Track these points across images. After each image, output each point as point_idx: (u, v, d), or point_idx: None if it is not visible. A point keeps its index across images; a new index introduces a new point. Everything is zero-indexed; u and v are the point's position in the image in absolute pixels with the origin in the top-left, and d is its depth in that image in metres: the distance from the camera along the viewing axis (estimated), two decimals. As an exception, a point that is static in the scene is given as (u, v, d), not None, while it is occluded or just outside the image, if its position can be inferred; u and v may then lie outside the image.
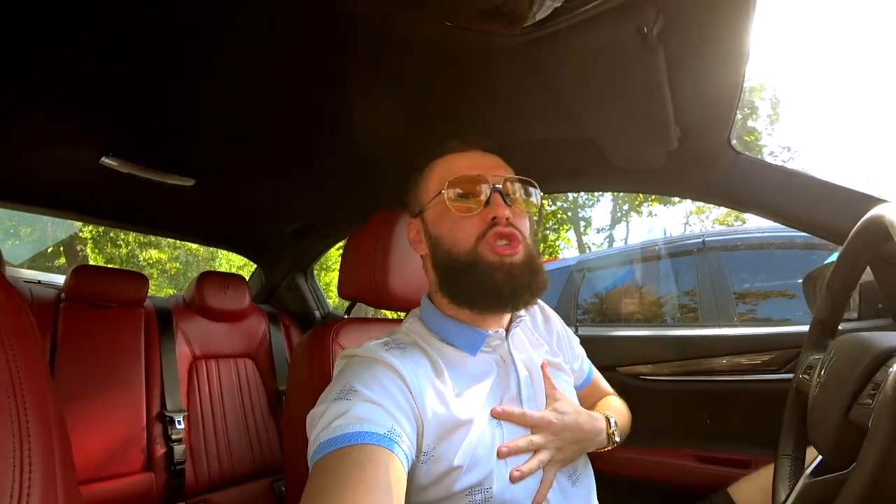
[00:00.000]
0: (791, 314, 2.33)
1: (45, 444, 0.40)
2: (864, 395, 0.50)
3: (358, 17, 0.67)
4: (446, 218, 0.69)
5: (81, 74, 0.85)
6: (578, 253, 12.79)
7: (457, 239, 0.68)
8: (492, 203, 0.67)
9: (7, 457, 0.36)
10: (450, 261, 0.69)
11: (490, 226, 0.67)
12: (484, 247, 0.66)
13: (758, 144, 10.45)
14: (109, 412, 1.42)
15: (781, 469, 0.70)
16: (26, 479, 0.36)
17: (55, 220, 7.57)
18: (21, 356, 0.41)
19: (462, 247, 0.67)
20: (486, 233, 0.66)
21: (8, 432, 0.37)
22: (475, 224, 0.67)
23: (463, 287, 0.68)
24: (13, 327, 0.42)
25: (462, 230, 0.68)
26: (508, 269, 0.65)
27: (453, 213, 0.68)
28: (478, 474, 0.61)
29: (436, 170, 0.74)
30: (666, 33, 0.61)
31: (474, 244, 0.67)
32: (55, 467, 0.41)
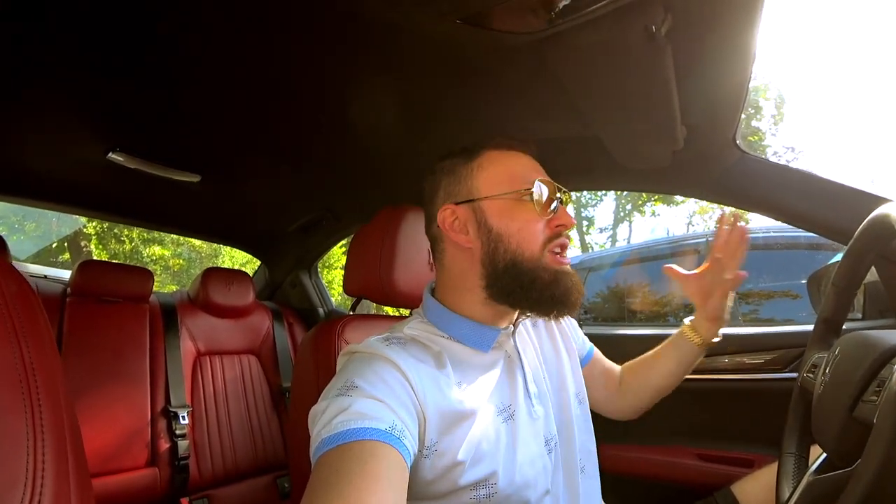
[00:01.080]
0: (795, 314, 2.33)
1: (58, 436, 0.40)
2: (869, 392, 0.50)
3: (367, 14, 0.67)
4: (518, 215, 0.67)
5: (88, 71, 0.86)
6: (581, 252, 12.76)
7: (525, 240, 0.67)
8: (560, 211, 0.69)
9: (21, 449, 0.37)
10: (514, 260, 0.67)
11: (555, 234, 0.68)
12: (549, 255, 0.67)
13: (761, 144, 10.41)
14: (114, 407, 1.43)
15: (785, 467, 0.70)
16: (39, 471, 0.37)
17: (60, 215, 7.59)
18: (34, 347, 0.41)
19: (529, 249, 0.67)
20: (552, 239, 0.68)
21: (22, 425, 0.37)
22: (543, 229, 0.68)
23: (529, 290, 0.66)
24: (27, 319, 0.42)
25: (533, 232, 0.67)
26: (571, 277, 0.68)
27: (529, 212, 0.67)
28: (483, 469, 0.61)
29: (500, 161, 0.71)
30: (674, 32, 0.61)
31: (540, 250, 0.67)
32: (68, 460, 0.41)
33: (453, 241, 0.70)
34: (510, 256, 0.67)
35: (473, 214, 0.69)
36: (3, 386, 0.37)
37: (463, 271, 0.70)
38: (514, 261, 0.66)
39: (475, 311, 0.70)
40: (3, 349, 0.39)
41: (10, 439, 0.35)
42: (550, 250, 0.67)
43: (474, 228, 0.69)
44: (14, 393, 0.37)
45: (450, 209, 0.71)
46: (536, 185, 0.67)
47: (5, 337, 0.39)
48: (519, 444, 0.66)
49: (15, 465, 0.35)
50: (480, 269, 0.69)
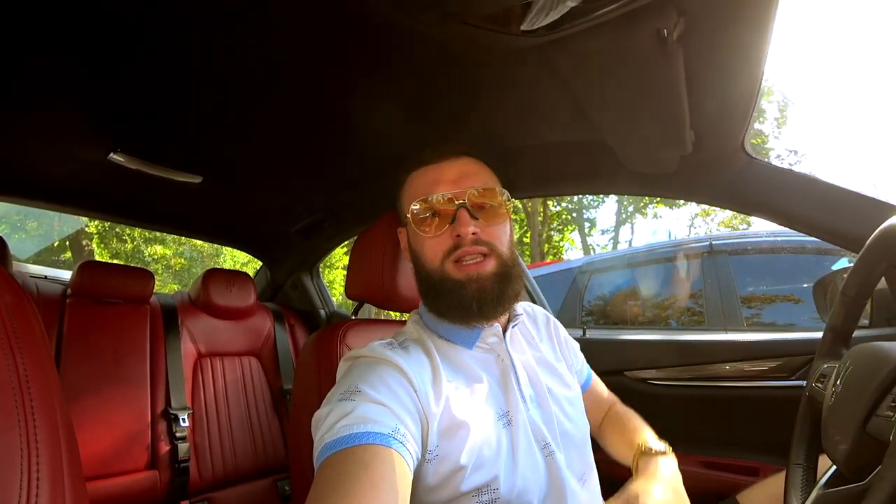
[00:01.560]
0: (797, 319, 2.32)
1: (52, 446, 0.40)
2: (884, 407, 0.49)
3: (373, 16, 0.67)
4: (419, 232, 0.71)
5: (89, 72, 0.85)
6: (583, 254, 12.75)
7: (426, 257, 0.71)
8: (457, 221, 0.68)
9: (15, 459, 0.36)
10: (424, 275, 0.72)
11: (454, 245, 0.68)
12: (449, 265, 0.69)
13: (765, 147, 10.38)
14: (114, 409, 1.42)
15: (794, 478, 0.69)
16: (34, 481, 0.36)
17: (62, 214, 7.61)
18: (29, 359, 0.41)
19: (431, 264, 0.70)
20: (451, 252, 0.68)
21: (16, 435, 0.37)
22: (441, 242, 0.69)
23: (437, 301, 0.71)
24: (22, 330, 0.42)
25: (430, 249, 0.70)
26: (476, 283, 0.67)
27: (427, 228, 0.70)
28: (484, 475, 0.61)
29: (410, 184, 0.76)
30: (686, 37, 0.60)
31: (441, 262, 0.69)
32: (63, 469, 0.40)
33: (407, 260, 0.79)
34: (423, 272, 0.72)
35: (406, 236, 0.77)
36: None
37: None
38: (424, 275, 0.72)
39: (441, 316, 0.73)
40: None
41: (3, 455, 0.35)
42: (452, 261, 0.68)
43: (408, 248, 0.77)
44: (8, 407, 0.37)
45: (402, 231, 0.80)
46: (418, 205, 0.70)
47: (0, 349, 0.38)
48: (519, 449, 0.65)
49: (9, 481, 0.35)
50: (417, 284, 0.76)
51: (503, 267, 0.70)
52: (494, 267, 0.69)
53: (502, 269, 0.69)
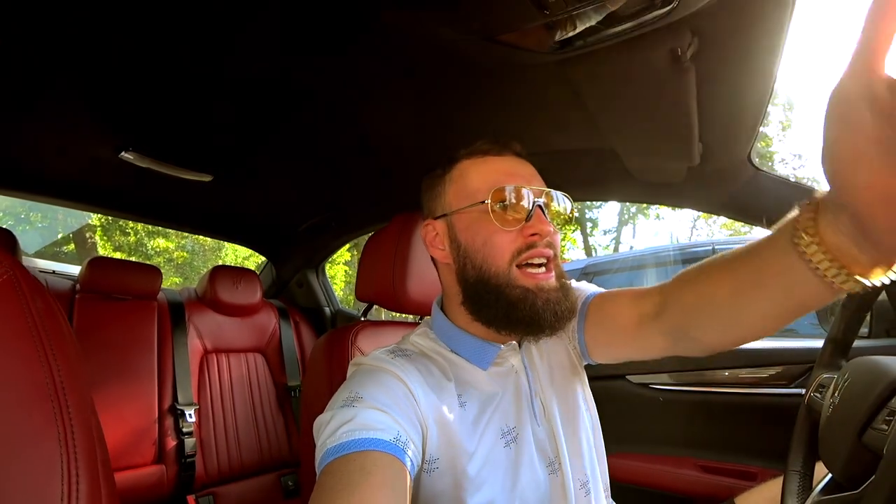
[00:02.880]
0: (797, 324, 2.32)
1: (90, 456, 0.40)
2: (879, 420, 0.51)
3: (396, 27, 0.67)
4: (481, 228, 0.64)
5: (101, 71, 0.86)
6: (585, 254, 12.73)
7: (490, 255, 0.63)
8: (533, 218, 0.62)
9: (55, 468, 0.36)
10: (480, 277, 0.64)
11: (527, 245, 0.62)
12: (516, 271, 0.62)
13: (769, 151, 10.36)
14: (122, 404, 1.44)
15: (791, 485, 0.71)
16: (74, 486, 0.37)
17: (66, 208, 7.59)
18: (64, 365, 0.41)
19: (495, 264, 0.63)
20: (521, 252, 0.62)
21: (55, 443, 0.37)
22: (512, 240, 0.63)
23: (495, 308, 0.63)
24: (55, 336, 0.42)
25: (497, 245, 0.63)
26: (546, 294, 0.61)
27: (492, 224, 0.62)
28: (484, 495, 0.60)
29: (468, 172, 0.67)
30: (699, 55, 0.62)
31: (508, 264, 0.62)
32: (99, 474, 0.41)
33: (435, 257, 0.71)
34: (477, 272, 0.64)
35: (447, 229, 0.68)
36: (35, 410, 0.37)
37: (449, 286, 0.70)
38: (480, 277, 0.64)
39: (469, 326, 0.68)
40: (36, 372, 0.38)
41: (44, 465, 0.35)
42: (519, 264, 0.62)
43: (448, 243, 0.68)
44: (47, 417, 0.37)
45: (430, 224, 0.70)
46: (493, 194, 0.62)
47: (36, 357, 0.38)
48: (522, 467, 0.64)
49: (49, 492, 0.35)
50: (456, 286, 0.67)
51: (561, 276, 0.65)
52: (555, 279, 0.63)
53: (561, 278, 0.65)
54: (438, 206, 0.70)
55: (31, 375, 0.39)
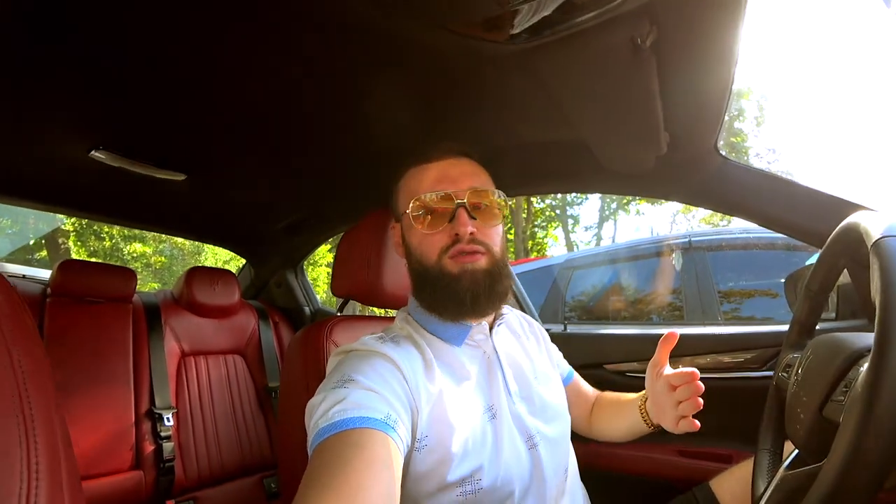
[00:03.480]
0: (774, 313, 2.39)
1: (50, 444, 0.39)
2: (838, 392, 0.53)
3: (356, 19, 0.67)
4: (416, 229, 0.73)
5: (70, 68, 0.84)
6: (567, 250, 12.87)
7: (423, 252, 0.73)
8: (455, 220, 0.70)
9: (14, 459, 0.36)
10: (420, 270, 0.74)
11: (453, 241, 0.71)
12: (447, 260, 0.71)
13: (744, 146, 10.60)
14: (97, 409, 1.41)
15: (761, 463, 0.73)
16: (34, 480, 0.36)
17: (38, 212, 7.40)
18: (25, 356, 0.40)
19: (428, 259, 0.72)
20: (449, 248, 0.71)
21: (15, 434, 0.37)
22: (439, 240, 0.72)
23: (432, 295, 0.73)
24: (17, 332, 0.41)
25: (428, 245, 0.73)
26: (470, 276, 0.70)
27: (426, 226, 0.72)
28: (467, 466, 0.63)
29: (407, 181, 0.77)
30: (659, 44, 0.63)
31: (438, 258, 0.71)
32: (61, 467, 0.40)
33: (399, 255, 0.82)
34: (419, 266, 0.74)
35: (401, 231, 0.79)
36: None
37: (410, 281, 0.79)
38: (420, 269, 0.74)
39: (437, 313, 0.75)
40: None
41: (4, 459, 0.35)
42: (450, 256, 0.71)
43: (403, 244, 0.79)
44: (7, 411, 0.36)
45: (394, 227, 0.82)
46: (413, 204, 0.72)
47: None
48: (504, 442, 0.68)
49: (10, 480, 0.35)
50: (411, 279, 0.78)
51: (494, 265, 0.72)
52: (486, 264, 0.71)
53: (493, 266, 0.72)
54: (396, 210, 0.81)
55: None
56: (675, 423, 0.73)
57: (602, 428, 0.95)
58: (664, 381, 0.73)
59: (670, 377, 0.73)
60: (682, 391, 0.71)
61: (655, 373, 0.76)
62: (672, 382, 0.72)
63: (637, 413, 0.84)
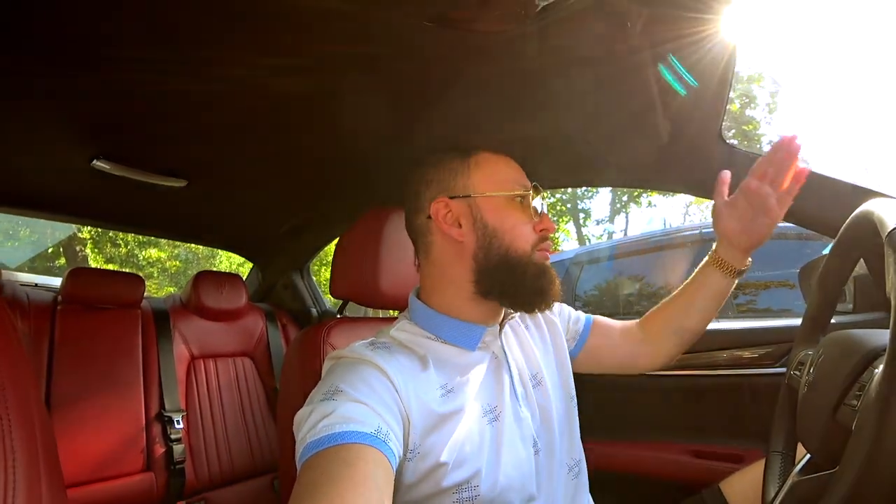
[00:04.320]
0: (791, 304, 2.33)
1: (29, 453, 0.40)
2: (851, 395, 0.50)
3: (345, 14, 0.66)
4: (509, 215, 0.71)
5: (69, 78, 0.84)
6: (578, 245, 12.77)
7: (517, 238, 0.71)
8: (544, 217, 0.73)
9: None
10: (505, 256, 0.70)
11: (541, 238, 0.72)
12: (537, 254, 0.72)
13: (756, 133, 10.37)
14: (109, 413, 1.43)
15: (772, 466, 0.70)
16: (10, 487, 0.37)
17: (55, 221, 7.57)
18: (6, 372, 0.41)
19: (521, 247, 0.71)
20: (540, 242, 0.72)
21: None
22: (532, 231, 0.72)
23: (513, 283, 0.70)
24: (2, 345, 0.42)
25: (524, 233, 0.71)
26: (552, 271, 0.73)
27: (521, 213, 0.72)
28: (465, 471, 0.61)
29: (494, 162, 0.74)
30: (650, 26, 0.60)
31: (531, 248, 0.71)
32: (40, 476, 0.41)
33: (444, 234, 0.72)
34: (503, 252, 0.70)
35: (469, 210, 0.71)
36: None
37: (451, 264, 0.72)
38: (506, 256, 0.70)
39: (461, 307, 0.71)
40: None
41: None
42: (538, 249, 0.71)
43: (469, 223, 0.71)
44: None
45: (444, 202, 0.72)
46: (531, 192, 0.73)
47: None
48: (504, 446, 0.65)
49: None
50: (471, 263, 0.71)
51: None
52: None
53: None
54: (458, 186, 0.72)
55: None
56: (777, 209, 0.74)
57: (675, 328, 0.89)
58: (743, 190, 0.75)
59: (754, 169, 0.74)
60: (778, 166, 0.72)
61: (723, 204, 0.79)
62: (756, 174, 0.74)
63: (713, 273, 0.83)
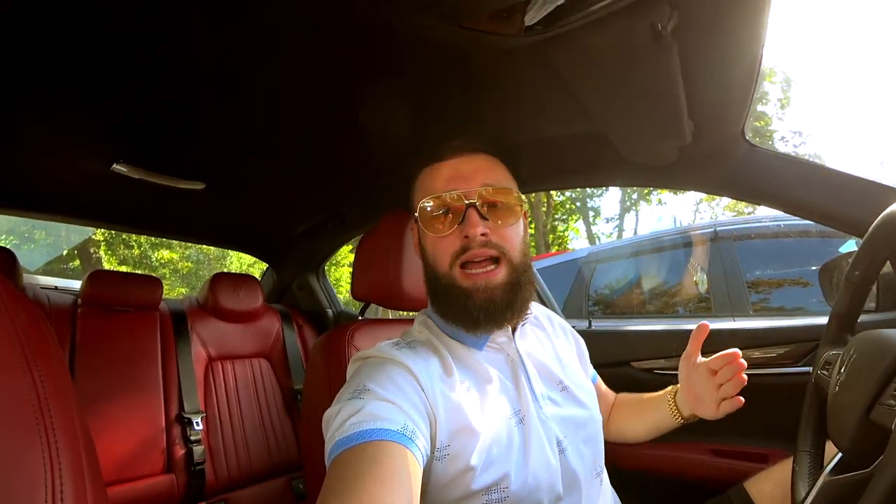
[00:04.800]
0: (805, 301, 2.31)
1: (73, 458, 0.40)
2: (887, 395, 0.49)
3: (369, 19, 0.67)
4: (428, 231, 0.69)
5: (91, 83, 0.86)
6: (588, 243, 12.69)
7: (436, 257, 0.69)
8: (465, 221, 0.66)
9: (38, 474, 0.37)
10: (433, 277, 0.70)
11: (463, 247, 0.66)
12: (457, 271, 0.67)
13: (768, 129, 10.25)
14: (129, 415, 1.45)
15: (801, 466, 0.69)
16: (58, 493, 0.37)
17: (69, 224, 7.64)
18: (47, 375, 0.41)
19: (440, 266, 0.68)
20: (460, 254, 0.66)
21: (38, 451, 0.38)
22: (450, 243, 0.67)
23: (444, 305, 0.70)
24: (38, 347, 0.42)
25: (439, 249, 0.68)
26: (484, 293, 0.65)
27: (436, 229, 0.68)
28: (493, 474, 0.61)
29: (422, 178, 0.74)
30: (680, 30, 0.60)
31: (450, 266, 0.67)
32: (84, 478, 0.41)
33: (416, 254, 0.77)
34: (429, 272, 0.71)
35: (417, 227, 0.74)
36: (18, 422, 0.37)
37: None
38: (433, 277, 0.70)
39: None
40: (18, 382, 0.39)
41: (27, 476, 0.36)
42: (459, 265, 0.66)
43: (418, 241, 0.75)
44: (30, 427, 0.37)
45: (414, 227, 0.77)
46: (422, 203, 0.69)
47: (18, 368, 0.39)
48: (532, 447, 0.66)
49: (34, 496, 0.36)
50: (426, 283, 0.74)
51: (513, 275, 0.67)
52: (504, 276, 0.67)
53: (512, 276, 0.67)
54: (412, 203, 0.75)
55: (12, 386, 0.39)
56: (717, 407, 0.75)
57: (621, 428, 0.93)
58: (702, 368, 0.76)
59: (710, 362, 0.75)
60: (725, 372, 0.73)
61: (690, 364, 0.78)
62: (712, 367, 0.75)
63: (665, 408, 0.84)
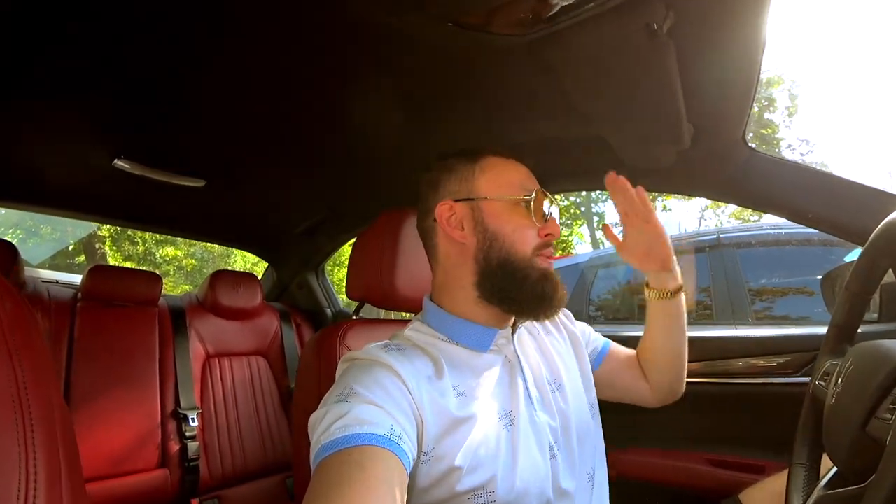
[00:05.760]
0: (810, 311, 2.28)
1: (50, 451, 0.41)
2: (883, 408, 0.48)
3: (365, 18, 0.66)
4: (511, 218, 0.71)
5: (93, 79, 0.86)
6: (592, 248, 12.65)
7: (517, 242, 0.70)
8: (549, 222, 0.72)
9: (13, 468, 0.37)
10: (505, 259, 0.70)
11: (544, 243, 0.71)
12: (538, 258, 0.71)
13: (775, 137, 10.18)
14: (125, 410, 1.45)
15: (795, 478, 0.68)
16: (31, 483, 0.37)
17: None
18: (28, 366, 0.42)
19: (521, 251, 0.70)
20: (540, 247, 0.71)
21: (14, 441, 0.38)
22: (535, 234, 0.71)
23: (509, 288, 0.69)
24: (21, 338, 0.43)
25: (525, 237, 0.70)
26: (555, 277, 0.72)
27: (524, 217, 0.70)
28: (480, 476, 0.60)
29: (501, 166, 0.74)
30: (676, 30, 0.59)
31: (531, 252, 0.70)
32: (61, 473, 0.42)
33: (447, 235, 0.72)
34: (503, 255, 0.70)
35: (471, 212, 0.71)
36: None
37: (455, 266, 0.73)
38: (506, 259, 0.69)
39: (470, 310, 0.71)
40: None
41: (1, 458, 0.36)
42: (540, 254, 0.70)
43: (470, 226, 0.71)
44: (7, 413, 0.38)
45: (448, 205, 0.72)
46: (534, 195, 0.71)
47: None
48: (520, 450, 0.65)
49: (8, 484, 0.36)
50: (473, 266, 0.71)
51: None
52: None
53: None
54: (463, 189, 0.73)
55: None
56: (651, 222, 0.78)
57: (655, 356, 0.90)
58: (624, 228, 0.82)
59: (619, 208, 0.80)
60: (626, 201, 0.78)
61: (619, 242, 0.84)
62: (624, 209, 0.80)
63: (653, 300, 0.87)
